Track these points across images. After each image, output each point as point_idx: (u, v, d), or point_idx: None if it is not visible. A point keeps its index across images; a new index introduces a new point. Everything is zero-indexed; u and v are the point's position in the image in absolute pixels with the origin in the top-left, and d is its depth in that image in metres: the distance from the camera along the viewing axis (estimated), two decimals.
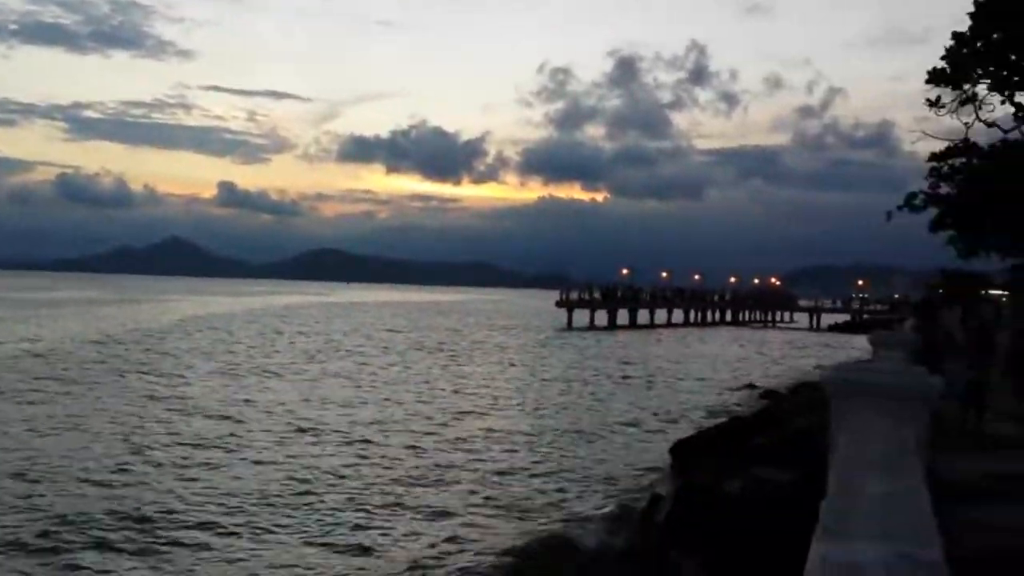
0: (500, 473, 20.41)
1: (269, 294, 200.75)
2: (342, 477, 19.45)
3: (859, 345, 53.13)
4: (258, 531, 15.16)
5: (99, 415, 26.65)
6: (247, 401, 30.38)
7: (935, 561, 2.68)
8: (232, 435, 24.03)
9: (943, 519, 3.92)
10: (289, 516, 16.13)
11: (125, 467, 19.67)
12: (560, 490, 18.93)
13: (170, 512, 16.06)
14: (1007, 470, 10.91)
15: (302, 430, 25.19)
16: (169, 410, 27.95)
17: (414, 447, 23.20)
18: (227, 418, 26.79)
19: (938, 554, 2.78)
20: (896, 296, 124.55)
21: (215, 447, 22.32)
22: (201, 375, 37.65)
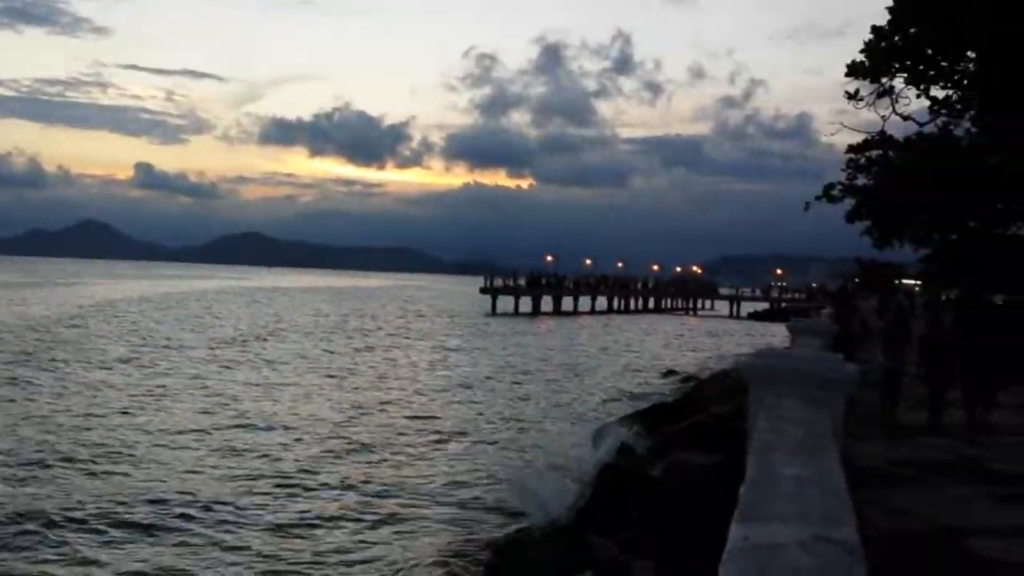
0: (421, 459, 20.38)
1: (187, 278, 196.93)
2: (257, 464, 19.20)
3: (778, 333, 54.20)
4: (153, 531, 14.79)
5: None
6: (161, 392, 29.77)
7: (850, 541, 2.75)
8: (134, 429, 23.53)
9: (857, 502, 4.04)
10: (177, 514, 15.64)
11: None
12: (480, 475, 18.97)
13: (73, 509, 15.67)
14: (916, 457, 11.25)
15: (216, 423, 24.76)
16: (78, 399, 27.26)
17: (341, 436, 23.00)
18: (126, 414, 26.24)
19: (852, 534, 2.85)
20: (813, 285, 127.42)
21: (119, 439, 21.77)
22: (110, 362, 36.78)
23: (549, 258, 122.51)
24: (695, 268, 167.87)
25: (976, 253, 35.67)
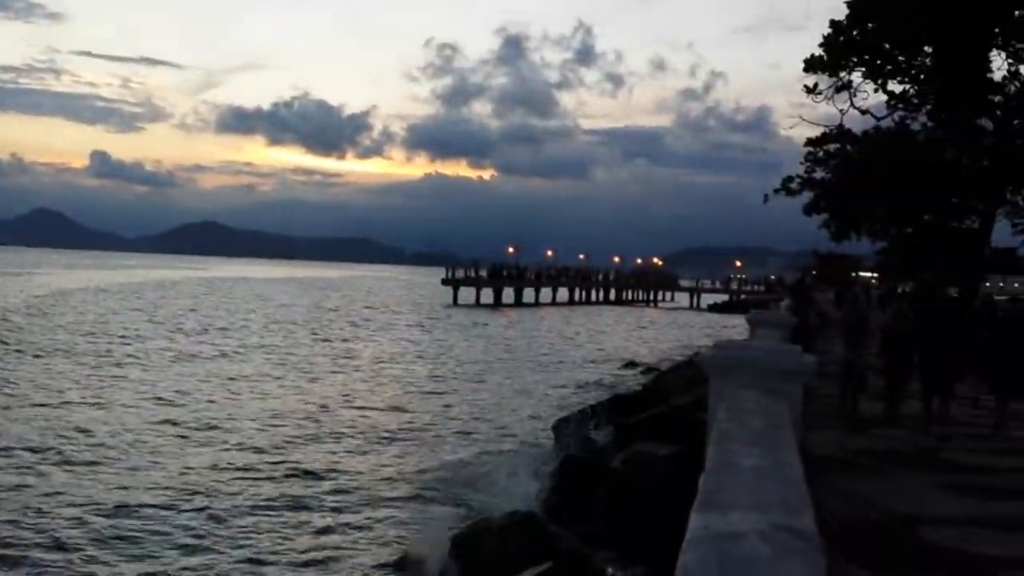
0: (380, 452, 20.36)
1: (145, 268, 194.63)
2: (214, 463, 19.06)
3: (737, 324, 54.64)
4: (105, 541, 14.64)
5: None
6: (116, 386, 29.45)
7: (807, 530, 2.78)
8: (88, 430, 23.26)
9: (815, 491, 4.08)
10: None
11: None
12: (441, 468, 19.00)
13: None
14: (873, 447, 11.41)
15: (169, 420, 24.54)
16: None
17: (300, 427, 22.89)
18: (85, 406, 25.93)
19: (810, 523, 2.88)
20: (772, 277, 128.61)
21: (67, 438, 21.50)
22: (54, 352, 36.32)
23: (511, 249, 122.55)
24: (656, 260, 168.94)
25: (931, 247, 36.19)
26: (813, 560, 2.51)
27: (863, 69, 31.81)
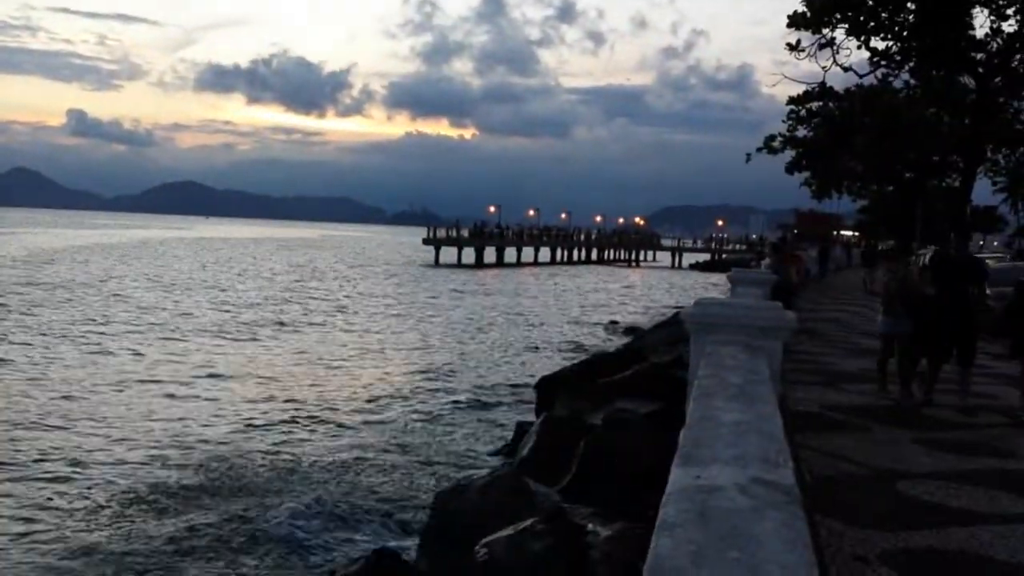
0: (372, 400, 20.42)
1: (129, 228, 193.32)
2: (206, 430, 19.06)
3: (719, 283, 54.84)
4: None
5: None
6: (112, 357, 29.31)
7: (786, 483, 2.80)
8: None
9: (793, 446, 4.13)
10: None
11: None
12: (425, 420, 19.12)
13: None
14: (851, 402, 11.51)
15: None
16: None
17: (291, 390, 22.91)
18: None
19: (790, 477, 2.90)
20: (754, 236, 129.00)
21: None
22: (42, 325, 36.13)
23: (492, 209, 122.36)
24: (638, 219, 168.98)
25: (911, 204, 36.36)
26: (790, 511, 2.52)
27: (846, 26, 31.71)
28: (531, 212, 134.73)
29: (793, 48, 32.65)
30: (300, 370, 25.33)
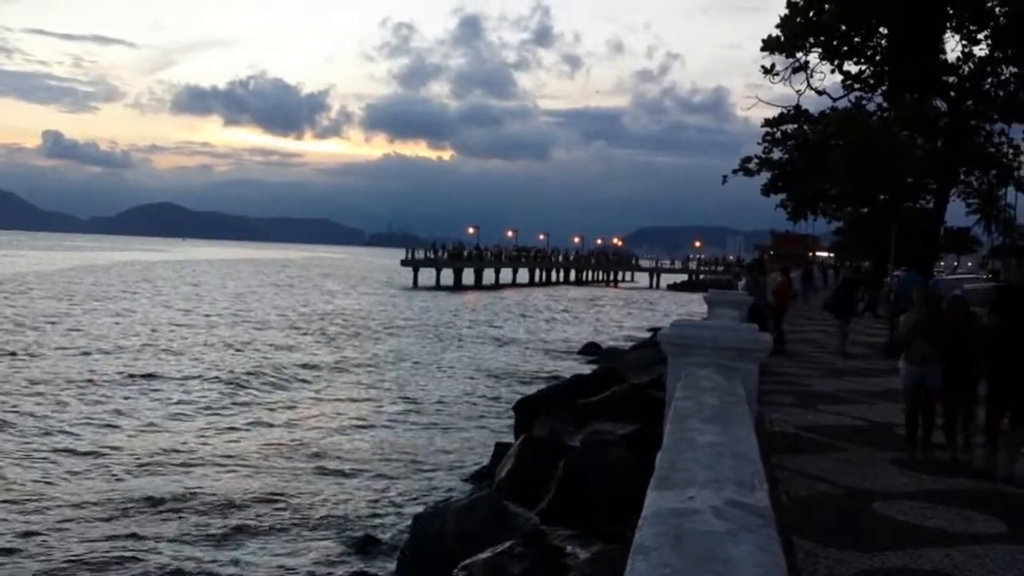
0: (349, 422, 20.34)
1: (100, 250, 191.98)
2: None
3: (696, 303, 54.99)
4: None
5: None
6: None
7: (761, 505, 2.83)
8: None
9: (769, 467, 4.16)
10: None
11: None
12: (402, 442, 19.07)
13: None
14: (827, 423, 11.56)
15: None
16: None
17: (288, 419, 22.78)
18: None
19: (765, 499, 2.92)
20: (731, 257, 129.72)
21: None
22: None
23: (471, 230, 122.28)
24: (615, 240, 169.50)
25: (886, 225, 36.66)
26: (767, 536, 2.54)
27: (820, 50, 32.02)
28: (510, 233, 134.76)
29: (768, 72, 32.92)
30: (294, 413, 25.23)
